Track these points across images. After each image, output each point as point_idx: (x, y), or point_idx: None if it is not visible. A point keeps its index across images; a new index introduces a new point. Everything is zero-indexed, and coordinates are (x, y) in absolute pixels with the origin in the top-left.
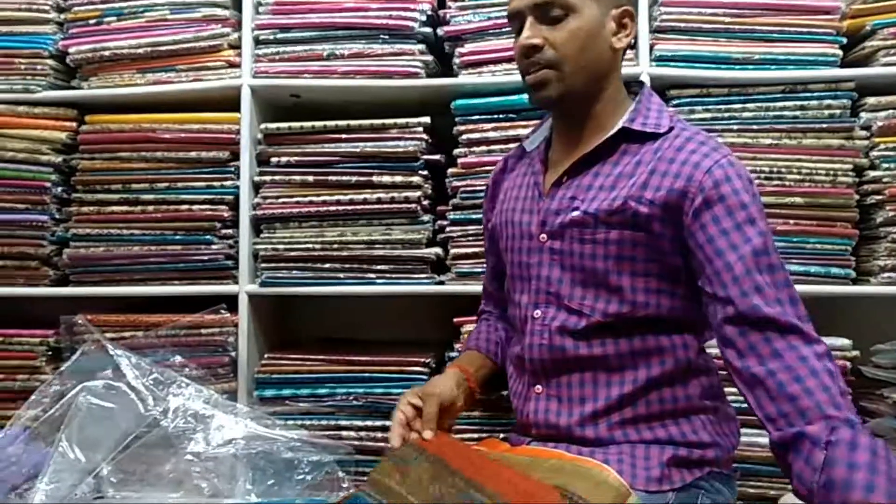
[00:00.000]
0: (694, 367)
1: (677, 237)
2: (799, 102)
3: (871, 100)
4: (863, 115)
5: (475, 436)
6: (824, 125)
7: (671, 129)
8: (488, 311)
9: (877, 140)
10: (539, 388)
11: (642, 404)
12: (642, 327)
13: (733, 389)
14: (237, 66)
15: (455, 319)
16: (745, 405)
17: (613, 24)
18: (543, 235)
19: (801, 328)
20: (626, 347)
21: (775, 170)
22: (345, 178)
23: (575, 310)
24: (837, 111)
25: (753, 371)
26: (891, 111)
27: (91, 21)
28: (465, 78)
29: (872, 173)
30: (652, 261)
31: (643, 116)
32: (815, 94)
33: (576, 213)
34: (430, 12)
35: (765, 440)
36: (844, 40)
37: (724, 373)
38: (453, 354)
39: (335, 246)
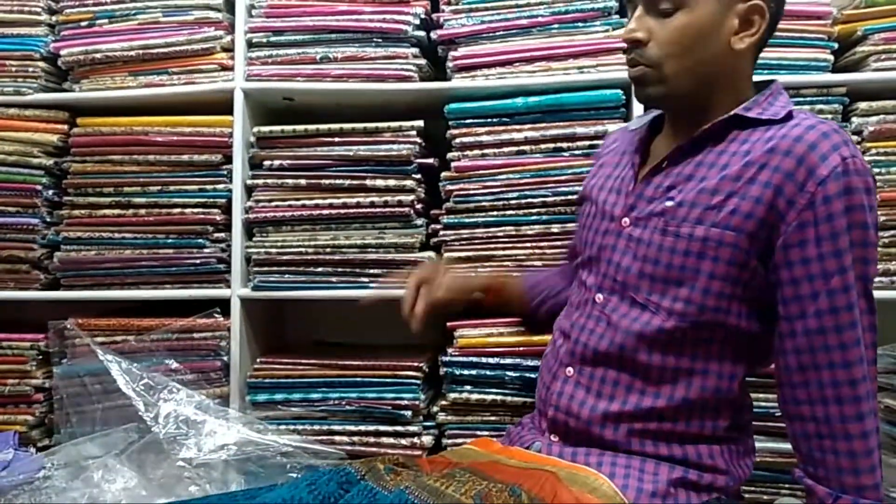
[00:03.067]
0: (732, 399)
1: (768, 242)
2: None
3: (862, 105)
4: (854, 119)
5: (466, 440)
6: None
7: (789, 115)
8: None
9: (868, 145)
10: (571, 370)
11: (669, 421)
12: (699, 342)
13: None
14: (230, 69)
15: (448, 324)
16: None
17: (736, 22)
18: (626, 220)
19: (855, 380)
20: (673, 362)
21: None
22: (338, 181)
23: (640, 303)
24: (829, 116)
25: (800, 407)
26: (882, 116)
27: (83, 23)
28: (459, 82)
29: None
30: (733, 264)
31: (761, 107)
32: (807, 98)
33: (669, 203)
34: (423, 16)
35: (760, 444)
36: (836, 45)
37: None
38: (446, 359)
39: (328, 250)
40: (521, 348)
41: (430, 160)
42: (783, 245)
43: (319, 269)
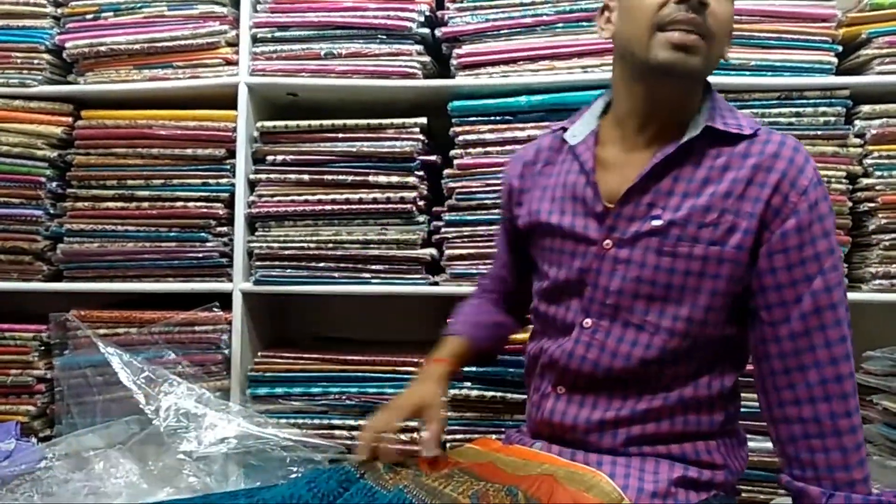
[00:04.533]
0: (726, 395)
1: (755, 253)
2: (794, 109)
3: (865, 108)
4: (857, 122)
5: (467, 437)
6: (819, 132)
7: (756, 132)
8: (489, 291)
9: (870, 148)
10: (562, 389)
11: (666, 420)
12: (695, 353)
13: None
14: (234, 63)
15: (449, 320)
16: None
17: None
18: (608, 242)
19: (842, 376)
20: (671, 372)
21: None
22: (340, 177)
23: (635, 324)
24: (832, 118)
25: (785, 410)
26: (885, 119)
27: (88, 16)
28: (463, 79)
29: (865, 181)
30: (732, 279)
31: (721, 116)
32: (811, 101)
33: (657, 223)
34: (428, 13)
35: (756, 444)
36: (840, 48)
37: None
38: None
39: (330, 245)
40: (522, 346)
41: (433, 157)
42: (767, 252)
43: (321, 265)
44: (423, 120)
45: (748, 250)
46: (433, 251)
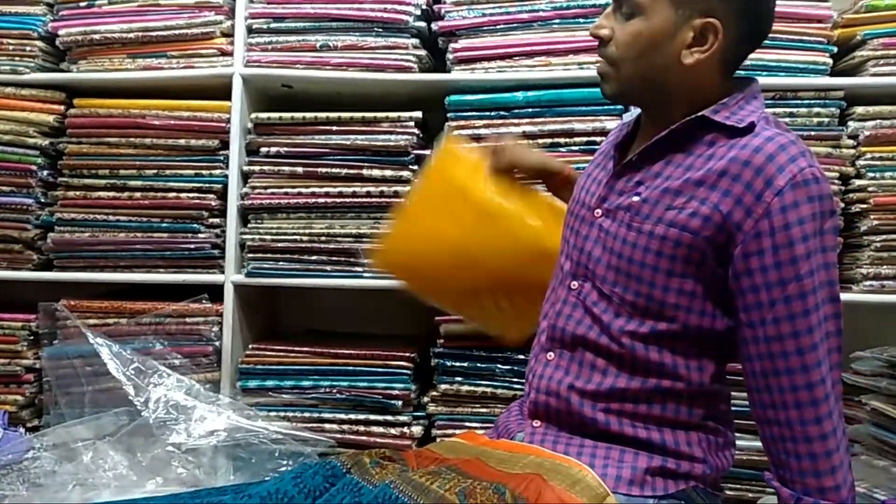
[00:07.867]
0: (705, 390)
1: (726, 249)
2: (788, 109)
3: (859, 109)
4: (850, 123)
5: (457, 432)
6: (812, 133)
7: (751, 126)
8: None
9: (863, 149)
10: (552, 355)
11: (644, 404)
12: (664, 337)
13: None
14: (229, 54)
15: (436, 318)
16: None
17: (690, 36)
18: (598, 211)
19: (812, 383)
20: (643, 353)
21: None
22: (334, 170)
23: (606, 294)
24: (826, 119)
25: (766, 412)
26: (878, 121)
27: (82, 3)
28: (458, 74)
29: (858, 182)
30: (690, 262)
31: (730, 110)
32: (805, 101)
33: (636, 199)
34: (424, 7)
35: (744, 443)
36: (835, 49)
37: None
38: (438, 350)
39: (323, 238)
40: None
41: (428, 151)
42: (742, 254)
43: (314, 258)
44: (419, 114)
45: (707, 240)
46: None
